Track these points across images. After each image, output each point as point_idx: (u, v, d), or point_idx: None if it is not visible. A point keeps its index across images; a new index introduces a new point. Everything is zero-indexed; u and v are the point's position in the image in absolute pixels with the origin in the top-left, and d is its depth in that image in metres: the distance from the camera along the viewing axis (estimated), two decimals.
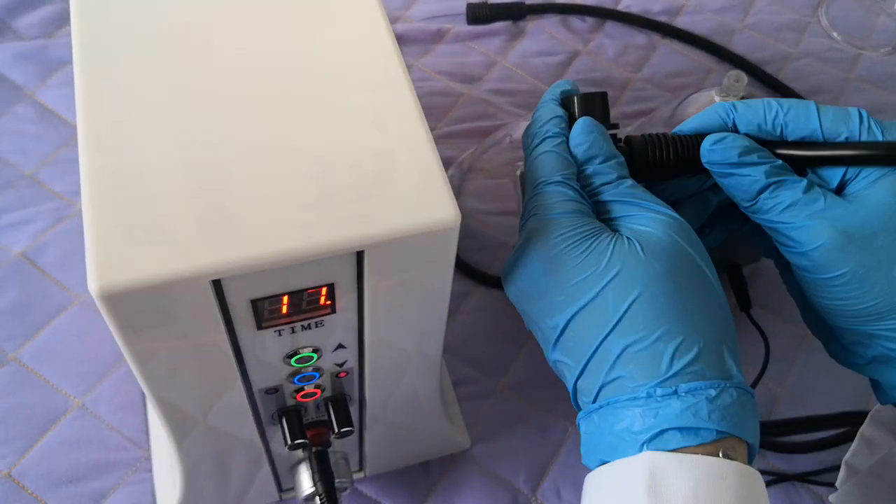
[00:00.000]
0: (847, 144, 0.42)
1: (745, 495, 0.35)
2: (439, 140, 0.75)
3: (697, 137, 0.44)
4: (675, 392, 0.37)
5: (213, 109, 0.38)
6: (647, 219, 0.40)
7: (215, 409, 0.43)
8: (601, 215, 0.42)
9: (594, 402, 0.39)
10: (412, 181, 0.36)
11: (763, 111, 0.43)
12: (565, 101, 0.45)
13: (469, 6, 0.84)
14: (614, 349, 0.38)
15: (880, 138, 0.42)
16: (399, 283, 0.39)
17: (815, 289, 0.43)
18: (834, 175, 0.43)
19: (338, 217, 0.35)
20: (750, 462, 0.38)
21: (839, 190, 0.43)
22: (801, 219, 0.42)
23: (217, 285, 0.35)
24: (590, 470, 0.40)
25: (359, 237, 0.35)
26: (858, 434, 0.50)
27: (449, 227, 0.36)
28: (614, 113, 0.78)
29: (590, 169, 0.42)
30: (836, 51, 0.86)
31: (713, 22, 0.87)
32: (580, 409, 0.41)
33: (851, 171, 0.42)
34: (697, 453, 0.36)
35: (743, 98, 0.61)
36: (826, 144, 0.42)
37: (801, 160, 0.43)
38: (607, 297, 0.38)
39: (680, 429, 0.36)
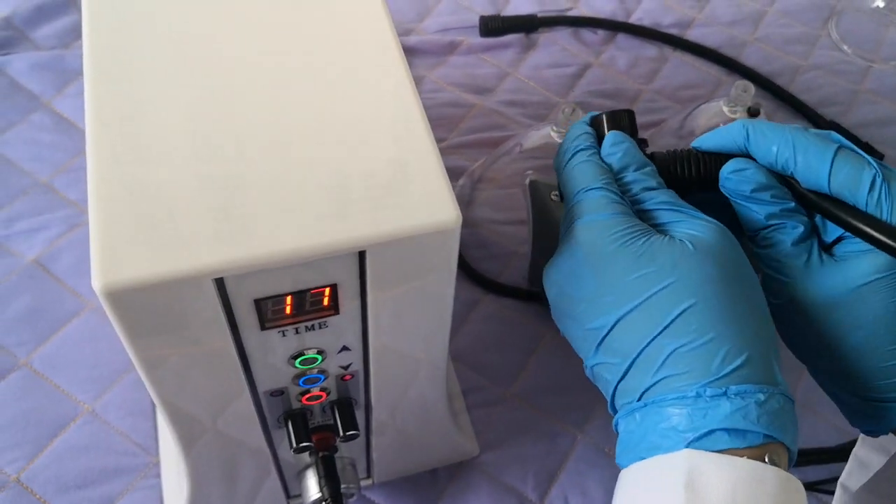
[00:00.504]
0: (850, 209, 0.41)
1: (784, 501, 0.35)
2: (451, 150, 0.76)
3: (720, 157, 0.44)
4: (725, 393, 0.36)
5: (219, 113, 0.39)
6: (696, 225, 0.40)
7: (222, 412, 0.44)
8: (645, 222, 0.41)
9: (638, 401, 0.39)
10: (414, 183, 0.37)
11: (776, 150, 0.42)
12: (594, 121, 0.46)
13: (482, 18, 0.85)
14: (665, 350, 0.37)
15: (885, 211, 0.40)
16: (402, 284, 0.39)
17: (779, 331, 0.44)
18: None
19: (340, 218, 0.35)
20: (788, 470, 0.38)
21: (838, 240, 0.43)
22: (781, 270, 0.42)
23: (220, 284, 0.35)
24: (621, 470, 0.39)
25: (360, 237, 0.35)
26: (852, 455, 0.49)
27: (450, 229, 0.36)
28: None
29: (627, 177, 0.42)
30: (846, 63, 0.86)
31: (724, 35, 0.88)
32: (616, 413, 0.40)
33: None
34: (743, 456, 0.36)
35: (750, 108, 0.61)
36: (832, 200, 0.41)
37: (809, 203, 0.42)
38: (661, 299, 0.38)
39: (728, 430, 0.36)
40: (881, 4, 0.88)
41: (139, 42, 0.42)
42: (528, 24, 0.86)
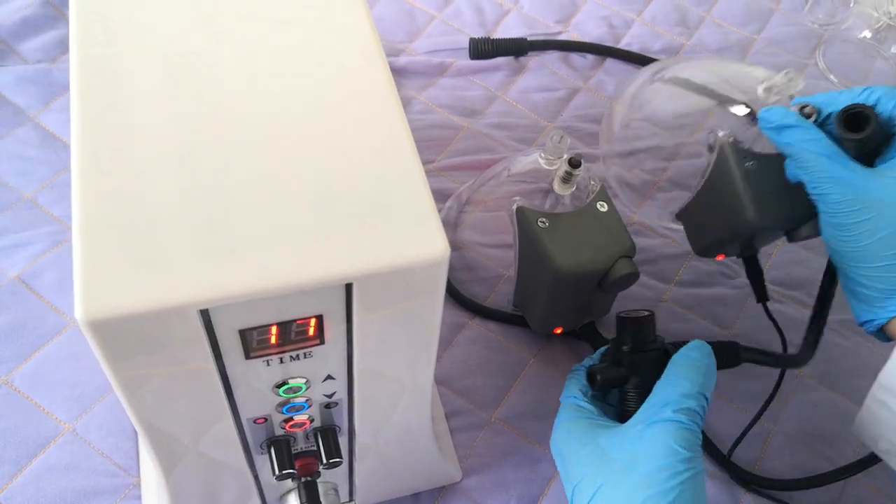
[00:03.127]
0: None
1: None
2: (439, 172, 0.76)
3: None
4: None
5: (205, 136, 0.39)
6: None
7: (204, 437, 0.43)
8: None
9: None
10: (403, 215, 0.37)
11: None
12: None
13: (472, 41, 0.85)
14: None
15: None
16: (388, 315, 0.39)
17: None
18: None
19: (327, 249, 0.35)
20: None
21: None
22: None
23: (205, 315, 0.35)
24: None
25: (347, 270, 0.35)
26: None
27: (438, 261, 0.36)
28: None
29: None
30: None
31: None
32: None
33: None
34: None
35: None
36: None
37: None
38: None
39: None
40: (868, 35, 0.89)
41: (128, 58, 0.41)
42: (518, 48, 0.86)
